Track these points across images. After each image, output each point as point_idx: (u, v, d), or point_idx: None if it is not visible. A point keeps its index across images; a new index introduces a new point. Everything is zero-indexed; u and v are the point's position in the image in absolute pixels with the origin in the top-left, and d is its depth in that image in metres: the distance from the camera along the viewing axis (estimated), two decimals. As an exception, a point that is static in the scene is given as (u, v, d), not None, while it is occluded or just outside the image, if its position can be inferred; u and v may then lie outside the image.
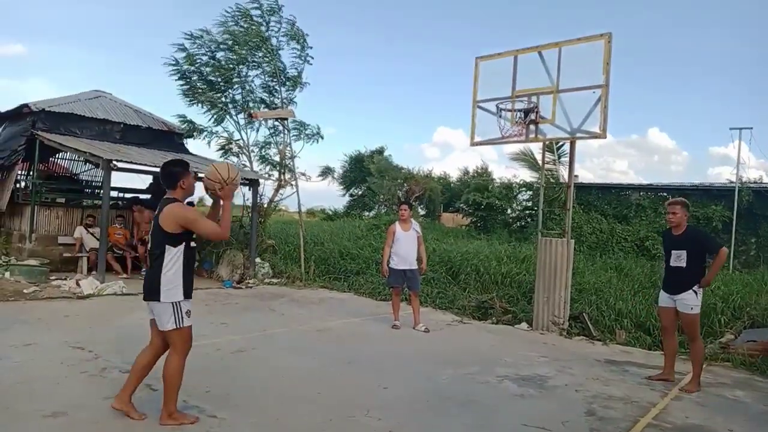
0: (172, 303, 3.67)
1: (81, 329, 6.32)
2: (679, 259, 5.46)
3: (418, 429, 3.96)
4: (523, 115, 7.82)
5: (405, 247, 7.49)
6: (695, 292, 5.35)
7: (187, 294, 3.75)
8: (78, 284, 8.65)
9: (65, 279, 9.20)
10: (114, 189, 11.75)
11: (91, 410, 3.87)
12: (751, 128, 19.81)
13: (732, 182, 17.89)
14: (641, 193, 19.01)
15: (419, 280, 7.82)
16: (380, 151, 30.62)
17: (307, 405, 4.28)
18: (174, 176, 3.78)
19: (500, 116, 8.02)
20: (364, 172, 28.67)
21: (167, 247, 3.64)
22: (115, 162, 9.52)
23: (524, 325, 8.09)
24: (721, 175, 58.59)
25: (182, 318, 3.73)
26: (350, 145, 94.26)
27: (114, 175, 9.73)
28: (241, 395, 4.41)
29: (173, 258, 3.66)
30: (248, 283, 10.52)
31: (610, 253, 15.04)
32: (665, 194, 18.74)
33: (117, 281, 9.00)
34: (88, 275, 9.24)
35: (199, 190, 4.37)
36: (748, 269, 14.21)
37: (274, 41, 12.34)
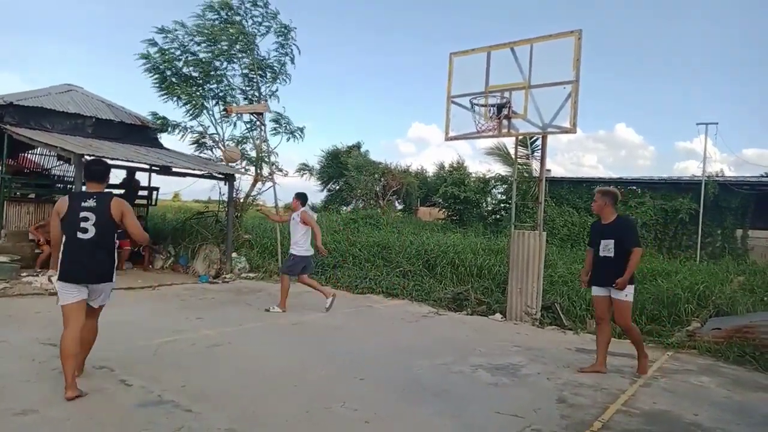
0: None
1: (52, 325, 6.18)
2: (606, 248, 5.39)
3: (393, 418, 4.03)
4: (496, 111, 7.94)
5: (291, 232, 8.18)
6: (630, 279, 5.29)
7: None
8: (50, 280, 8.49)
9: (37, 275, 9.02)
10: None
11: (63, 407, 3.84)
12: (717, 124, 20.42)
13: (698, 176, 18.39)
14: (611, 187, 19.38)
15: (286, 262, 8.28)
16: (357, 147, 30.60)
17: (283, 397, 4.32)
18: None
19: (474, 111, 8.12)
20: (341, 167, 28.61)
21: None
22: (87, 157, 9.35)
23: (498, 315, 8.24)
24: (687, 169, 60.03)
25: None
26: (326, 140, 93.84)
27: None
28: (217, 389, 4.42)
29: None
30: (225, 277, 10.47)
31: (581, 245, 15.33)
32: (635, 188, 19.21)
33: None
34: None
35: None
36: (714, 260, 14.64)
37: (255, 32, 12.19)
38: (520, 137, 9.64)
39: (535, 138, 18.08)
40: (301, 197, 8.27)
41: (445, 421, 4.02)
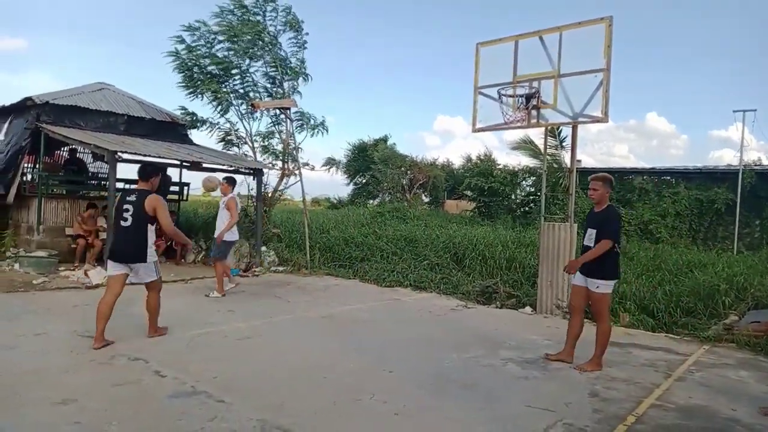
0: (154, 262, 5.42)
1: (89, 318, 6.36)
2: (589, 238, 5.22)
3: (422, 411, 4.02)
4: (524, 101, 7.80)
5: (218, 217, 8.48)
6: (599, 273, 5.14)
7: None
8: (86, 274, 8.75)
9: (73, 269, 9.29)
10: (119, 180, 11.82)
11: (100, 397, 3.95)
12: (755, 110, 19.77)
13: (734, 165, 17.81)
14: (644, 177, 18.96)
15: (217, 248, 8.38)
16: (384, 140, 30.58)
17: (312, 389, 4.36)
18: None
19: (502, 102, 8.01)
20: (367, 160, 28.66)
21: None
22: (120, 153, 9.58)
23: (528, 308, 8.15)
24: (722, 158, 58.21)
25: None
26: (351, 134, 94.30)
27: (119, 166, 9.81)
28: (248, 380, 4.49)
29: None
30: (255, 271, 10.60)
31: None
32: (668, 178, 18.72)
33: (125, 271, 9.07)
34: (97, 265, 9.33)
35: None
36: (752, 251, 14.19)
37: (272, 30, 12.27)
38: (549, 127, 9.48)
39: (560, 129, 17.77)
40: (231, 181, 8.55)
41: (475, 414, 3.99)
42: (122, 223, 5.22)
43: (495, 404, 4.22)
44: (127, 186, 12.80)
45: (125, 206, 5.24)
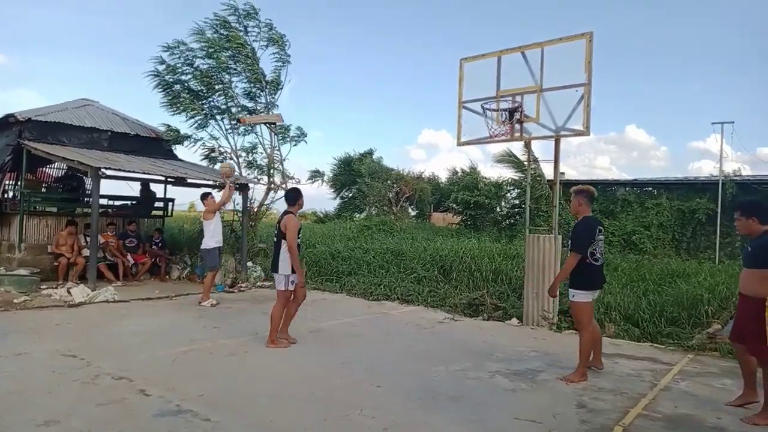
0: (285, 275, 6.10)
1: (72, 337, 6.31)
2: (568, 251, 5.37)
3: (411, 426, 4.01)
4: (508, 115, 7.92)
5: (220, 227, 9.33)
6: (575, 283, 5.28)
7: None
8: (69, 292, 8.63)
9: (56, 287, 9.16)
10: (103, 197, 11.73)
11: (84, 418, 3.89)
12: (733, 122, 20.22)
13: (715, 176, 18.16)
14: (626, 189, 19.26)
15: (206, 260, 9.22)
16: (370, 153, 30.67)
17: (300, 405, 4.33)
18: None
19: (486, 116, 8.11)
20: (353, 174, 28.70)
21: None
22: (103, 170, 9.50)
23: (515, 320, 8.18)
24: (702, 169, 59.27)
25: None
26: (337, 148, 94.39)
27: (103, 183, 9.76)
28: (235, 398, 4.44)
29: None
30: (240, 286, 10.53)
31: (598, 248, 15.19)
32: (650, 189, 19.02)
33: (108, 288, 8.98)
34: (80, 283, 9.21)
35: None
36: (733, 260, 14.41)
37: (255, 45, 12.33)
38: (531, 141, 9.60)
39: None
40: (204, 195, 9.34)
41: (463, 427, 3.99)
42: (275, 239, 6.20)
43: (483, 417, 4.22)
44: (110, 202, 12.77)
45: (277, 225, 6.27)
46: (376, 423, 4.00)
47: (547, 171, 17.28)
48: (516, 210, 20.78)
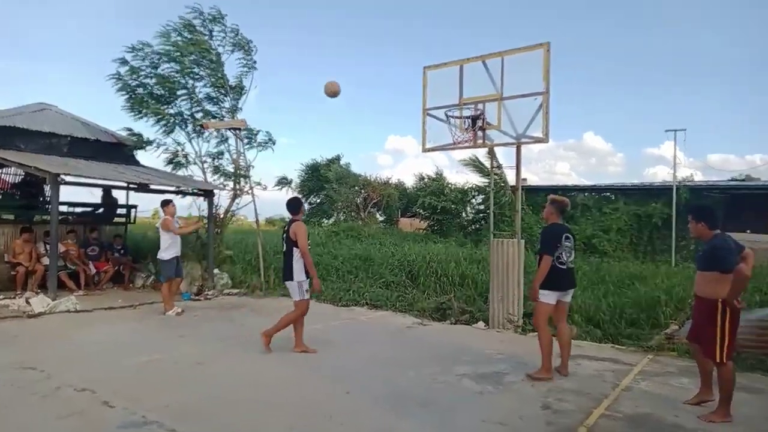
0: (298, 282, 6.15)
1: (32, 349, 6.12)
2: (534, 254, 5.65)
3: (381, 431, 4.04)
4: (471, 122, 8.07)
5: (177, 237, 8.87)
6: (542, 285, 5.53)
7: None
8: (28, 302, 8.34)
9: (14, 298, 8.84)
10: (63, 203, 11.39)
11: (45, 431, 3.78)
12: (685, 130, 21.04)
13: (669, 181, 18.85)
14: (586, 194, 19.80)
15: (173, 267, 8.89)
16: (337, 159, 30.67)
17: (268, 414, 4.30)
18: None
19: (449, 123, 8.26)
20: (321, 180, 28.65)
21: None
22: (63, 176, 9.24)
23: (481, 324, 8.31)
24: (657, 175, 61.55)
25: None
26: (304, 154, 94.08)
27: (63, 189, 9.49)
28: (201, 408, 4.39)
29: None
30: (207, 294, 10.37)
31: (561, 252, 15.53)
32: (608, 194, 19.59)
33: (70, 298, 8.73)
34: (39, 293, 8.92)
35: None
36: (688, 262, 14.94)
37: (221, 50, 12.21)
38: (494, 148, 9.81)
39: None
40: (164, 203, 9.07)
41: (431, 431, 4.04)
42: (283, 248, 6.27)
43: (451, 421, 4.28)
44: (70, 209, 12.42)
45: (283, 234, 6.31)
46: (345, 429, 4.02)
47: (511, 177, 17.61)
48: (481, 215, 21.09)
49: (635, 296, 8.63)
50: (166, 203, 9.05)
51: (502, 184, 18.11)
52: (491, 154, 9.53)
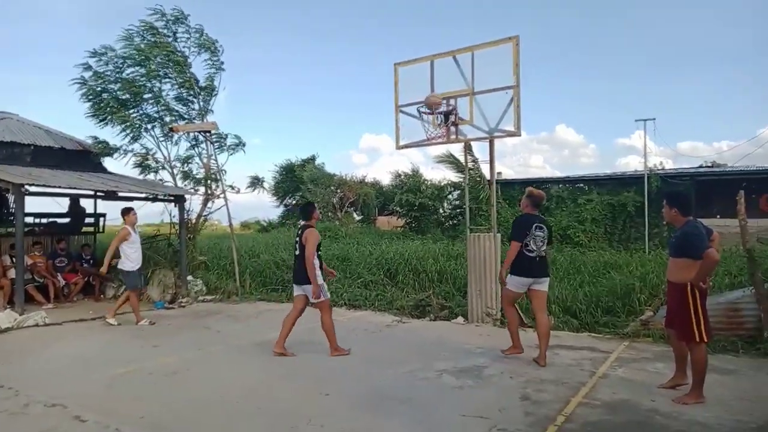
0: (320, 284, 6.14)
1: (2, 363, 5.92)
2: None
3: (361, 431, 4.00)
4: (443, 118, 8.07)
5: (139, 249, 8.55)
6: (509, 272, 5.90)
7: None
8: (-4, 314, 8.07)
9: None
10: (29, 215, 11.08)
11: (14, 450, 3.65)
12: (654, 119, 21.47)
13: (640, 170, 19.20)
14: (560, 186, 20.05)
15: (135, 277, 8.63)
16: (312, 160, 30.50)
17: (247, 421, 4.23)
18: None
19: (422, 119, 8.24)
20: (296, 181, 28.46)
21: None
22: (27, 186, 8.96)
23: (460, 319, 8.33)
24: (629, 164, 62.78)
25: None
26: (278, 155, 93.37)
27: (28, 200, 9.20)
28: (178, 417, 4.29)
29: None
30: (181, 302, 10.18)
31: (537, 244, 15.67)
32: (582, 185, 19.87)
33: (39, 312, 8.48)
34: (7, 307, 8.64)
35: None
36: (661, 249, 15.23)
37: (186, 51, 12.00)
38: (468, 143, 9.83)
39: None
40: (124, 212, 8.67)
41: (412, 429, 4.02)
42: (296, 252, 6.31)
43: (432, 417, 4.27)
44: (36, 220, 12.08)
45: (296, 239, 6.36)
46: (324, 431, 3.96)
47: (487, 171, 17.75)
48: (458, 211, 21.18)
49: (611, 285, 8.74)
50: (126, 212, 8.63)
51: (478, 179, 18.22)
52: (466, 149, 9.54)
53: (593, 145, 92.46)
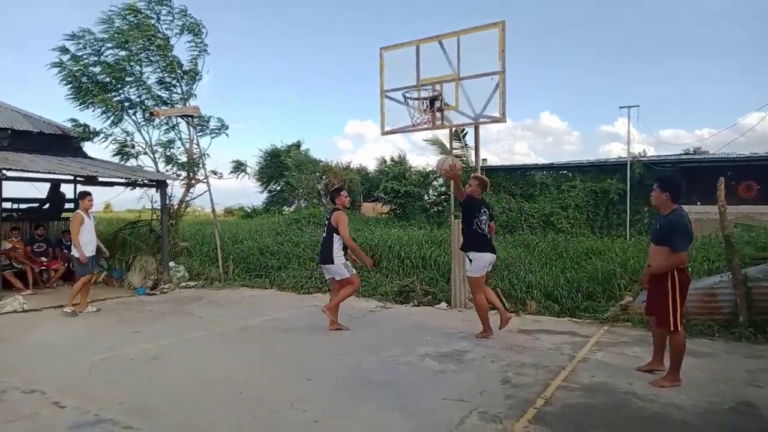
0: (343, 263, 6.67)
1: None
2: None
3: (342, 416, 4.01)
4: (429, 103, 8.05)
5: (92, 234, 8.24)
6: (468, 256, 6.40)
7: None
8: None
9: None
10: (6, 200, 10.87)
11: (-10, 437, 3.61)
12: (638, 106, 21.61)
13: (623, 158, 19.36)
14: (544, 173, 20.16)
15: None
16: (297, 145, 30.25)
17: (228, 406, 4.22)
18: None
19: (408, 105, 8.20)
20: (281, 167, 28.22)
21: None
22: (4, 171, 8.78)
23: (443, 304, 8.38)
24: (612, 152, 63.19)
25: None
26: (263, 141, 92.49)
27: (6, 185, 9.02)
28: (158, 403, 4.27)
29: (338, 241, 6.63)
30: (163, 288, 10.10)
31: (520, 230, 15.82)
32: (565, 172, 20.00)
33: (16, 297, 8.36)
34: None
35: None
36: (642, 236, 15.43)
37: (169, 33, 11.78)
38: (454, 129, 9.81)
39: (466, 131, 18.54)
40: (81, 195, 8.38)
41: (394, 413, 4.04)
42: (323, 234, 6.76)
43: (413, 401, 4.29)
44: (14, 206, 11.87)
45: (325, 221, 6.81)
46: (307, 416, 3.97)
47: (473, 158, 17.78)
48: (443, 197, 21.20)
49: (592, 270, 8.84)
50: (82, 196, 8.29)
51: (463, 165, 18.24)
52: (452, 135, 9.51)
53: (577, 133, 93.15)
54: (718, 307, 6.67)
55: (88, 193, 8.34)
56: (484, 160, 22.62)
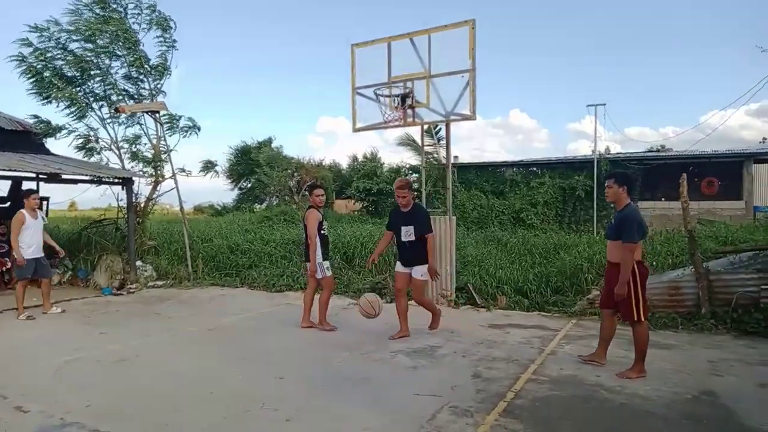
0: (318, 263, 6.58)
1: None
2: (408, 234, 6.15)
3: (315, 413, 4.00)
4: (400, 101, 8.06)
5: (37, 235, 7.74)
6: (425, 265, 6.11)
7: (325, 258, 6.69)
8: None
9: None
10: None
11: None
12: (605, 104, 22.08)
13: (590, 155, 19.78)
14: (514, 170, 20.47)
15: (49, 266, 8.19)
16: (268, 142, 29.95)
17: (198, 406, 4.16)
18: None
19: (379, 102, 8.21)
20: (252, 164, 27.90)
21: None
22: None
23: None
24: (579, 149, 64.48)
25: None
26: (233, 137, 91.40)
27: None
28: (126, 405, 4.18)
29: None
30: (130, 288, 9.88)
31: (491, 227, 16.01)
32: (535, 169, 20.32)
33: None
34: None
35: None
36: (609, 231, 15.78)
37: (137, 28, 11.52)
38: (426, 126, 9.87)
39: (439, 128, 18.65)
40: (26, 194, 7.93)
41: (366, 409, 4.05)
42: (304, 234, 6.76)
43: (386, 397, 4.31)
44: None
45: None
46: (279, 414, 3.95)
47: (444, 155, 17.91)
48: (415, 194, 21.33)
49: (560, 265, 9.01)
50: (26, 194, 7.85)
51: (435, 162, 18.35)
52: (423, 132, 9.55)
53: (546, 130, 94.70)
54: (681, 299, 6.87)
55: (33, 191, 7.94)
56: (456, 157, 22.79)
